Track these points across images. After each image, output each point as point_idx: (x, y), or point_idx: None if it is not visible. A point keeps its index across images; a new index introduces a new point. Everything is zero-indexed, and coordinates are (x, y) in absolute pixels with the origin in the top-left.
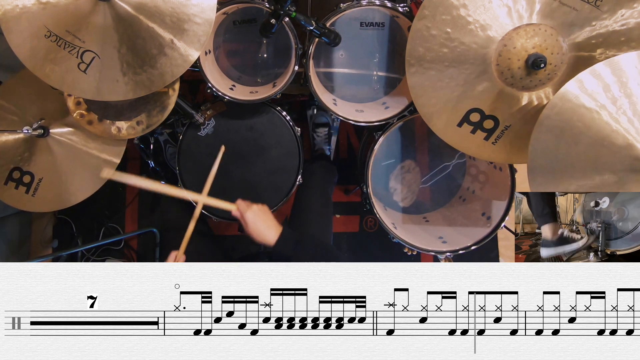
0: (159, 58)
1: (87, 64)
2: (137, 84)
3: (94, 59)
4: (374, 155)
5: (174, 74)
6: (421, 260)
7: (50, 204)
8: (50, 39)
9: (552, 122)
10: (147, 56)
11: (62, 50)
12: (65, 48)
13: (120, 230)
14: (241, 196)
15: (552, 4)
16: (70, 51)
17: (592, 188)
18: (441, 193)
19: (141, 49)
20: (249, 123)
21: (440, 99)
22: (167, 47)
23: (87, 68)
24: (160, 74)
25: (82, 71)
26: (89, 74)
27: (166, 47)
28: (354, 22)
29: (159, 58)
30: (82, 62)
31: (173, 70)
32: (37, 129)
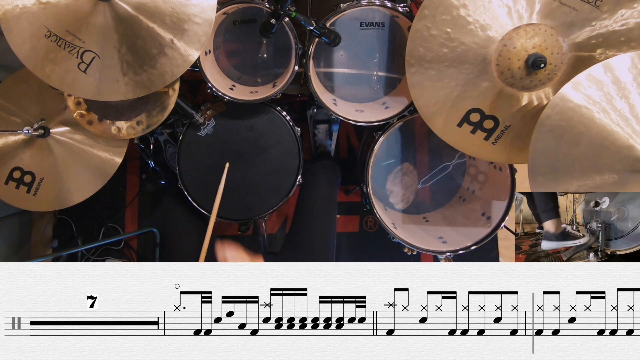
0: (159, 58)
1: (87, 64)
2: (137, 84)
3: (94, 59)
4: (374, 155)
5: (174, 74)
6: (421, 260)
7: (51, 203)
8: (50, 39)
9: (552, 122)
10: (147, 56)
11: (62, 50)
12: (66, 48)
13: (120, 230)
14: (241, 196)
15: (552, 4)
16: (70, 51)
17: (592, 188)
18: (441, 193)
19: (141, 49)
20: (249, 123)
21: (440, 99)
22: (167, 47)
23: (87, 68)
24: (160, 74)
25: (82, 71)
26: (89, 73)
27: (166, 47)
28: (354, 22)
29: (159, 58)
30: (82, 62)
31: (173, 70)
32: (38, 129)
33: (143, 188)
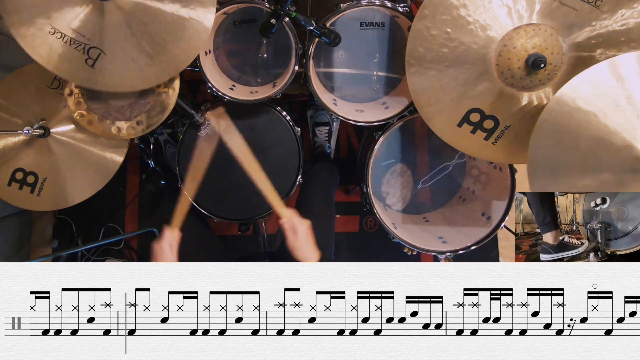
0: (177, 32)
1: (94, 59)
2: (163, 66)
3: (100, 55)
4: (374, 155)
5: (199, 40)
6: (421, 260)
7: (53, 203)
8: (55, 35)
9: (552, 123)
10: (166, 36)
11: (72, 49)
12: (71, 44)
13: (120, 230)
14: (241, 196)
15: (552, 4)
16: (76, 47)
17: (592, 188)
18: (441, 193)
19: (156, 35)
20: (249, 123)
21: (440, 99)
22: (178, 27)
23: (94, 63)
24: (183, 49)
25: (90, 66)
26: (102, 64)
27: (177, 28)
28: (354, 22)
29: (177, 32)
30: (89, 57)
31: (195, 39)
32: (38, 129)
33: (143, 188)
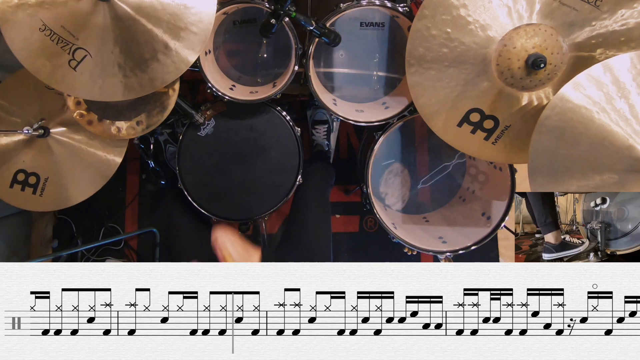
0: (150, 63)
1: (77, 61)
2: (125, 87)
3: (86, 57)
4: (374, 155)
5: (164, 80)
6: (421, 260)
7: (54, 203)
8: (45, 32)
9: (552, 123)
10: (140, 59)
11: (54, 46)
12: (58, 43)
13: (120, 230)
14: (241, 196)
15: (552, 4)
16: (62, 47)
17: (592, 188)
18: (441, 193)
19: (135, 52)
20: (249, 123)
21: (440, 99)
22: (160, 52)
23: (77, 65)
24: (150, 79)
25: (72, 68)
26: (79, 71)
27: (159, 53)
28: (354, 22)
29: (151, 63)
30: (73, 59)
31: (164, 77)
32: (38, 129)
33: (143, 188)
